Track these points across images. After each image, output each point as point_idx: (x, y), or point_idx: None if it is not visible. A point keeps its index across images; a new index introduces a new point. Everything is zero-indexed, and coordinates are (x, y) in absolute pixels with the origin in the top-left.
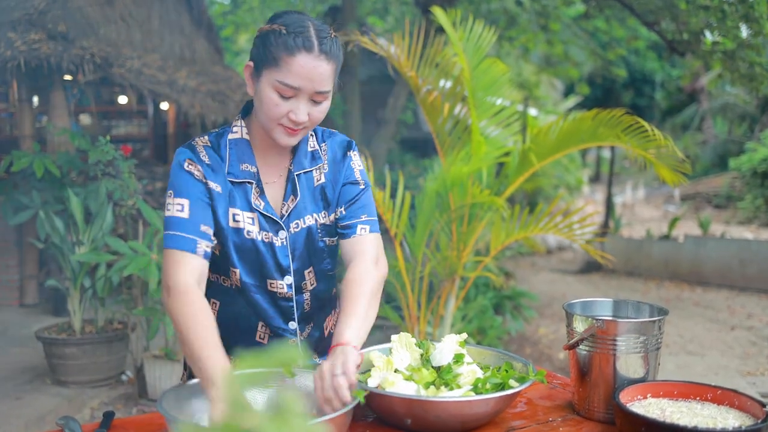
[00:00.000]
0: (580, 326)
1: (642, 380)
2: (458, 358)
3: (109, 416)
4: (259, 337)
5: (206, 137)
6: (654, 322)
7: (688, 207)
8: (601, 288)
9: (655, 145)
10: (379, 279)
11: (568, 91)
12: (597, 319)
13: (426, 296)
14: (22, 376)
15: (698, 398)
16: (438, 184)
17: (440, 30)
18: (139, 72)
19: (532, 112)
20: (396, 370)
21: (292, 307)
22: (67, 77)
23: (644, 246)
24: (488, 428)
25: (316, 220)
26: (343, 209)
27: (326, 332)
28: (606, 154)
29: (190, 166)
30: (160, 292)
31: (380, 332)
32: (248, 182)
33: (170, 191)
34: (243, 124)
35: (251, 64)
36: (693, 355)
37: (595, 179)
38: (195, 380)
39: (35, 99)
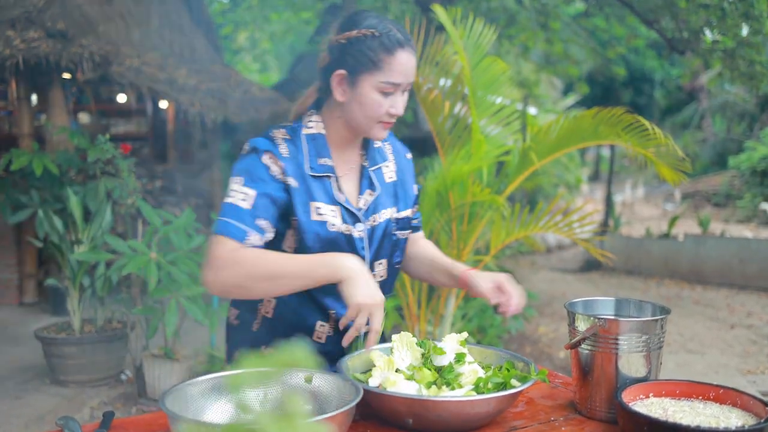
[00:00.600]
0: (582, 325)
1: (644, 379)
2: (459, 358)
3: (109, 416)
4: (317, 338)
5: (283, 130)
6: (656, 321)
7: (688, 205)
8: (601, 287)
9: (655, 143)
10: None
11: (568, 89)
12: (599, 319)
13: (426, 295)
14: (21, 375)
15: (700, 397)
16: (438, 183)
17: (440, 28)
18: (138, 70)
19: (532, 110)
20: (397, 370)
21: None
22: (66, 75)
23: (644, 244)
24: (490, 428)
25: (391, 215)
26: (416, 208)
27: None
28: (605, 152)
29: (269, 161)
30: (160, 292)
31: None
32: (327, 176)
33: (239, 177)
34: (318, 119)
35: (343, 72)
36: (693, 353)
37: (594, 178)
38: (197, 378)
39: (34, 97)
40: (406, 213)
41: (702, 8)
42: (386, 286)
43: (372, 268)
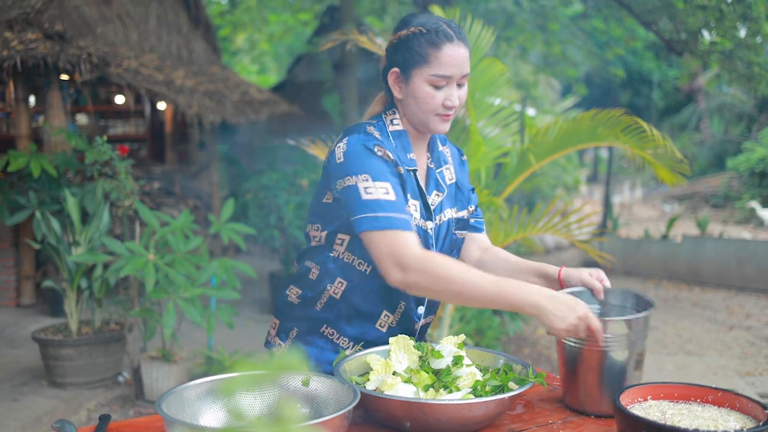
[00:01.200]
0: None
1: (626, 372)
2: (457, 360)
3: (105, 419)
4: (379, 325)
5: (371, 127)
6: (642, 318)
7: (686, 207)
8: None
9: (653, 145)
10: None
11: (566, 91)
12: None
13: None
14: (18, 377)
15: (699, 400)
16: None
17: None
18: (136, 72)
19: (531, 112)
20: (394, 373)
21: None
22: (64, 77)
23: (642, 246)
24: (488, 431)
25: (452, 215)
26: (472, 209)
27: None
28: (604, 154)
29: (380, 152)
30: (158, 293)
31: None
32: (414, 170)
33: (364, 175)
34: (400, 117)
35: (396, 70)
36: (691, 355)
37: (593, 179)
38: (194, 381)
39: (32, 99)
40: (463, 213)
41: (700, 9)
42: None
43: None
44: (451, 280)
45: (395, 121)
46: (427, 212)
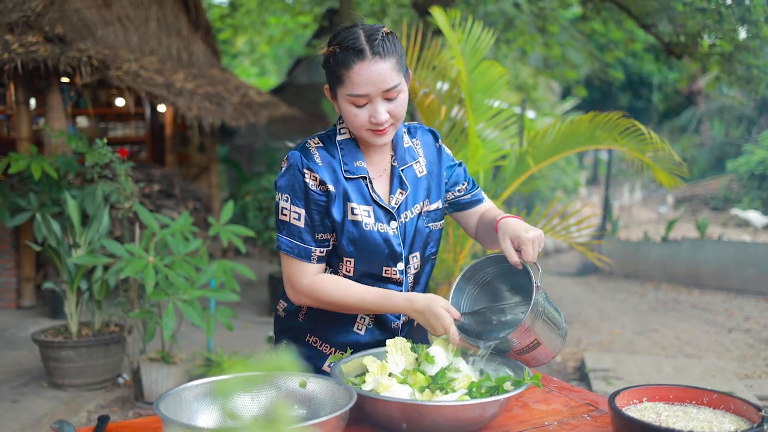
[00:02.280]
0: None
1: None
2: (456, 354)
3: (103, 420)
4: (357, 328)
5: (316, 139)
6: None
7: (686, 209)
8: (598, 290)
9: (651, 148)
10: None
11: (566, 93)
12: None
13: None
14: (18, 379)
15: (694, 402)
16: None
17: (437, 32)
18: (136, 74)
19: (530, 114)
20: (390, 374)
21: (400, 290)
22: (65, 80)
23: (642, 248)
24: None
25: (421, 208)
26: (464, 186)
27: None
28: (604, 156)
29: (308, 177)
30: (157, 295)
31: None
32: (362, 178)
33: (286, 195)
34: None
35: (327, 86)
36: (690, 357)
37: (592, 181)
38: (192, 383)
39: (32, 101)
40: (437, 204)
41: (699, 12)
42: (421, 277)
43: (407, 261)
44: (335, 303)
45: (343, 130)
46: (387, 214)
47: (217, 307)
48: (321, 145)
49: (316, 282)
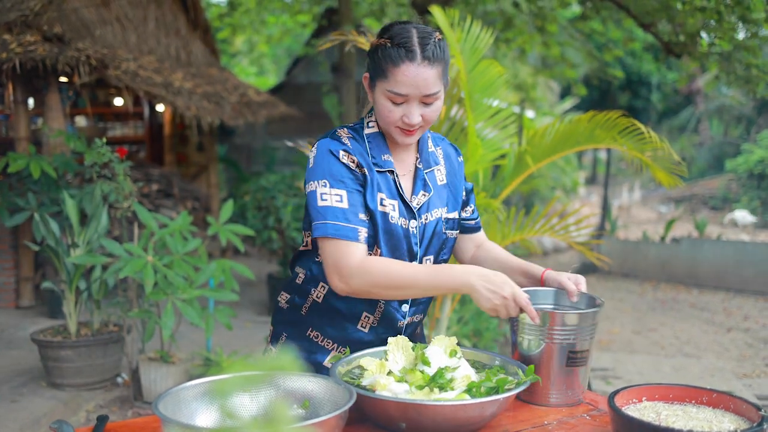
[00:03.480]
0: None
1: (577, 363)
2: (451, 354)
3: (102, 420)
4: (361, 326)
5: (345, 129)
6: (591, 313)
7: (685, 209)
8: (597, 290)
9: (650, 147)
10: None
11: (565, 92)
12: (541, 310)
13: None
14: (17, 378)
15: (693, 401)
16: None
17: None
18: (134, 74)
19: (530, 113)
20: (389, 372)
21: None
22: (63, 79)
23: (640, 248)
24: (483, 431)
25: (441, 214)
26: (471, 209)
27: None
28: (603, 155)
29: (345, 158)
30: (156, 295)
31: None
32: (390, 171)
33: (324, 181)
34: (377, 120)
35: (367, 75)
36: (689, 357)
37: (591, 181)
38: (192, 382)
39: (31, 101)
40: (454, 214)
41: (698, 11)
42: None
43: (421, 263)
44: (389, 279)
45: (371, 124)
46: (409, 212)
47: (216, 306)
48: (351, 135)
49: (368, 261)
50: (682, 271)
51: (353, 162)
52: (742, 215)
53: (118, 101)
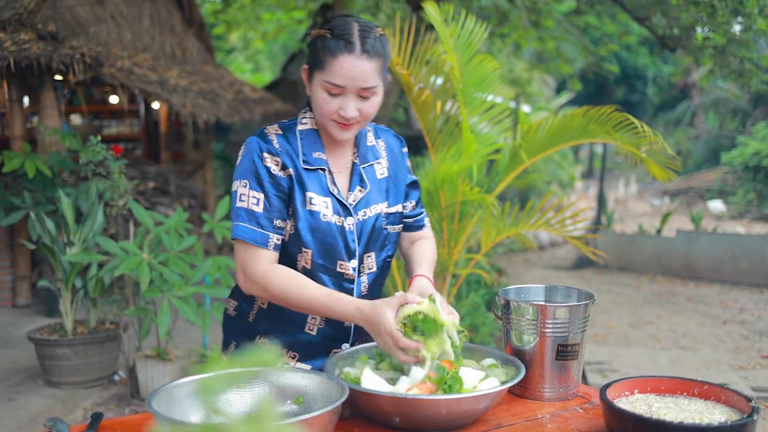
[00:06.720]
0: (515, 312)
1: (569, 356)
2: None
3: (97, 417)
4: (308, 329)
5: (276, 126)
6: (580, 306)
7: (680, 202)
8: (594, 284)
9: (645, 141)
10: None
11: (561, 87)
12: (532, 305)
13: None
14: (14, 377)
15: (685, 393)
16: (428, 182)
17: (431, 27)
18: (129, 71)
19: (525, 108)
20: (382, 360)
21: (353, 289)
22: (58, 77)
23: (637, 241)
24: (477, 425)
25: (381, 210)
26: (412, 205)
27: None
28: (599, 149)
29: (268, 160)
30: (152, 292)
31: None
32: (321, 169)
33: (245, 181)
34: (311, 116)
35: (306, 67)
36: (685, 349)
37: (588, 175)
38: (184, 379)
39: (26, 99)
40: (397, 208)
41: (692, 5)
42: (377, 279)
43: (361, 261)
44: (284, 298)
45: (305, 120)
46: (344, 209)
47: (212, 303)
48: (280, 132)
49: (271, 272)
50: (678, 263)
51: (277, 164)
52: (714, 205)
53: (114, 99)
